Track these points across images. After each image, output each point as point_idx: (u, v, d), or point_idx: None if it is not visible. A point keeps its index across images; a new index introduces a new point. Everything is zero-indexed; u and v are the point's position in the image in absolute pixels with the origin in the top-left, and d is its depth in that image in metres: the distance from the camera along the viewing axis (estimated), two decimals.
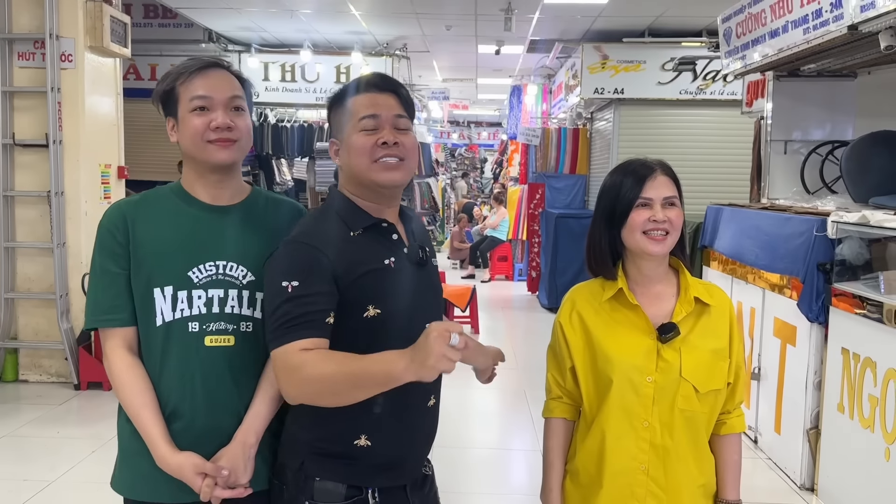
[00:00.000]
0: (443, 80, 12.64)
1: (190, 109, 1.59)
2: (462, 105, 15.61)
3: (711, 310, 1.68)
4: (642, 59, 8.49)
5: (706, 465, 1.69)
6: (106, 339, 1.61)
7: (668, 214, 1.64)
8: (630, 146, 8.58)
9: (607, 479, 1.66)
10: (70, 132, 5.28)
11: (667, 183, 1.68)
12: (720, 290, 1.75)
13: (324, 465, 1.53)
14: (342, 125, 1.59)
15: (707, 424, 1.68)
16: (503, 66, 11.19)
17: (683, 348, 1.62)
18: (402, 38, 9.11)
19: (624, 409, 1.64)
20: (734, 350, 1.69)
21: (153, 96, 1.66)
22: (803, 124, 5.37)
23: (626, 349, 1.65)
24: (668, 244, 1.64)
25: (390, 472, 1.56)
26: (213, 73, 1.62)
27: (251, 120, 1.69)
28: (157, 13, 8.86)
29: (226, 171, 1.64)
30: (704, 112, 8.46)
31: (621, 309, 1.69)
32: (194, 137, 1.59)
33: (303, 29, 8.65)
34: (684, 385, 1.61)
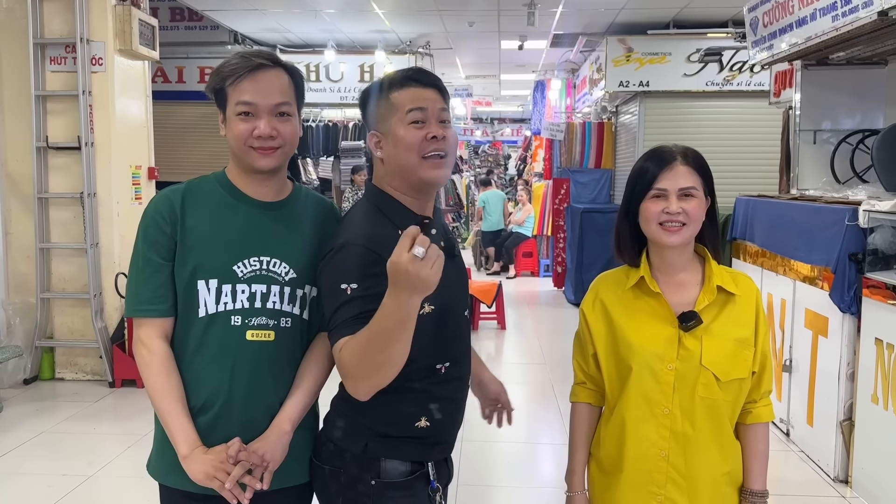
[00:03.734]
0: (466, 76, 12.64)
1: (236, 113, 1.60)
2: (485, 102, 15.58)
3: (736, 299, 1.67)
4: (667, 51, 8.42)
5: (731, 453, 1.68)
6: (141, 326, 1.61)
7: (683, 206, 1.62)
8: (656, 139, 8.51)
9: (627, 464, 1.68)
10: (101, 134, 5.38)
11: (686, 173, 1.65)
12: (747, 278, 1.72)
13: (388, 446, 1.59)
14: (384, 117, 1.58)
15: (731, 413, 1.67)
16: (526, 61, 11.16)
17: (705, 337, 1.62)
18: (425, 35, 9.13)
19: (644, 396, 1.65)
20: (760, 339, 1.68)
21: (206, 88, 1.66)
22: (832, 114, 5.30)
23: (647, 337, 1.65)
24: (684, 235, 1.63)
25: (442, 446, 1.67)
26: (262, 75, 1.60)
27: (298, 120, 1.69)
28: (184, 16, 8.98)
29: (269, 173, 1.65)
30: (731, 104, 8.36)
31: (644, 297, 1.69)
32: (237, 141, 1.60)
33: (326, 29, 8.71)
34: (705, 373, 1.61)
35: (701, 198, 1.65)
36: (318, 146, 9.38)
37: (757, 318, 1.68)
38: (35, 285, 5.44)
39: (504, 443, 4.43)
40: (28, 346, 5.43)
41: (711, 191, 1.70)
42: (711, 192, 1.70)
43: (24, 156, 5.44)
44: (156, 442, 1.70)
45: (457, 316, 1.62)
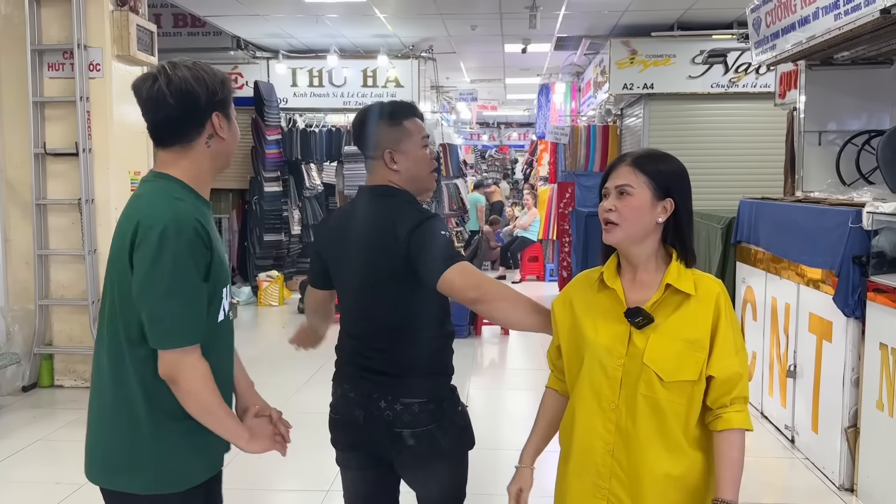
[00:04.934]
0: (470, 81, 12.61)
1: (233, 117, 1.80)
2: (491, 106, 15.54)
3: (692, 300, 1.64)
4: (672, 52, 8.35)
5: (682, 458, 1.64)
6: (190, 352, 1.61)
7: (616, 203, 1.64)
8: (661, 141, 8.44)
9: (575, 454, 1.73)
10: (99, 140, 5.36)
11: (626, 172, 1.66)
12: (711, 281, 1.69)
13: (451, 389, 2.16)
14: (399, 139, 2.04)
15: (682, 416, 1.63)
16: (531, 64, 11.12)
17: (653, 335, 1.62)
18: (428, 39, 9.10)
19: (593, 389, 1.68)
20: (719, 343, 1.62)
21: (213, 90, 1.69)
22: (838, 114, 5.22)
23: (600, 331, 1.68)
24: (616, 234, 1.65)
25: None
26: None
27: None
28: (186, 22, 8.99)
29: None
30: (736, 105, 8.29)
31: (604, 293, 1.73)
32: (236, 144, 1.83)
33: (329, 34, 8.70)
34: (646, 371, 1.61)
35: (640, 196, 1.63)
36: (322, 151, 9.35)
37: (716, 322, 1.63)
38: (34, 292, 5.43)
39: (506, 451, 4.36)
40: (27, 353, 5.41)
41: (674, 193, 1.67)
42: (675, 194, 1.67)
43: (22, 162, 5.43)
44: (171, 459, 1.68)
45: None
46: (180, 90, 1.64)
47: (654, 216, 1.64)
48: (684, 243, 1.69)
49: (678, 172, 1.70)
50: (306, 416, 4.70)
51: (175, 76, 1.64)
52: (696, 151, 8.37)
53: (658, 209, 1.64)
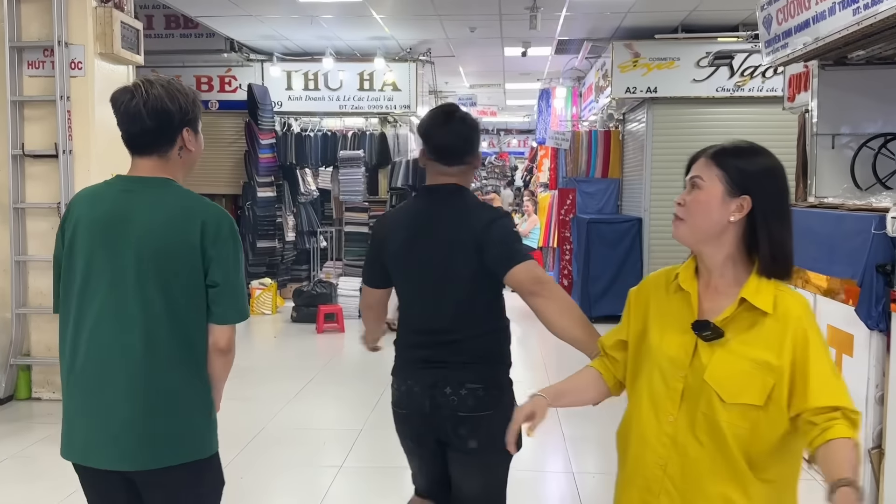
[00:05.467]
0: (470, 86, 12.40)
1: (200, 129, 2.00)
2: (490, 111, 15.32)
3: (769, 319, 1.49)
4: (676, 55, 8.14)
5: (745, 486, 1.48)
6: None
7: (686, 196, 1.56)
8: (665, 147, 8.23)
9: (629, 463, 1.65)
10: (80, 142, 5.13)
11: (703, 163, 1.56)
12: (794, 299, 1.52)
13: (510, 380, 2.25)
14: (476, 148, 2.29)
15: (745, 441, 1.47)
16: (531, 69, 10.91)
17: (719, 351, 1.49)
18: (426, 42, 8.89)
19: (651, 399, 1.59)
20: (816, 370, 1.45)
21: (184, 108, 1.87)
22: (852, 116, 4.99)
23: (665, 338, 1.58)
24: (681, 230, 1.57)
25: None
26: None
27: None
28: (179, 24, 8.78)
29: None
30: (743, 110, 8.07)
31: (678, 295, 1.62)
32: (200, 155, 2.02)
33: (325, 36, 8.49)
34: (707, 389, 1.49)
35: (709, 190, 1.52)
36: (317, 156, 9.12)
37: (804, 348, 1.46)
38: (11, 300, 5.19)
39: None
40: (3, 364, 5.17)
41: (753, 191, 1.50)
42: (754, 192, 1.50)
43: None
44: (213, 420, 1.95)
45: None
46: (156, 108, 1.80)
47: (725, 214, 1.50)
48: (767, 252, 1.51)
49: (764, 169, 1.52)
50: (298, 432, 4.46)
51: (151, 94, 1.80)
52: None
53: (731, 207, 1.50)
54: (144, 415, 1.78)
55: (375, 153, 8.97)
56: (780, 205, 1.52)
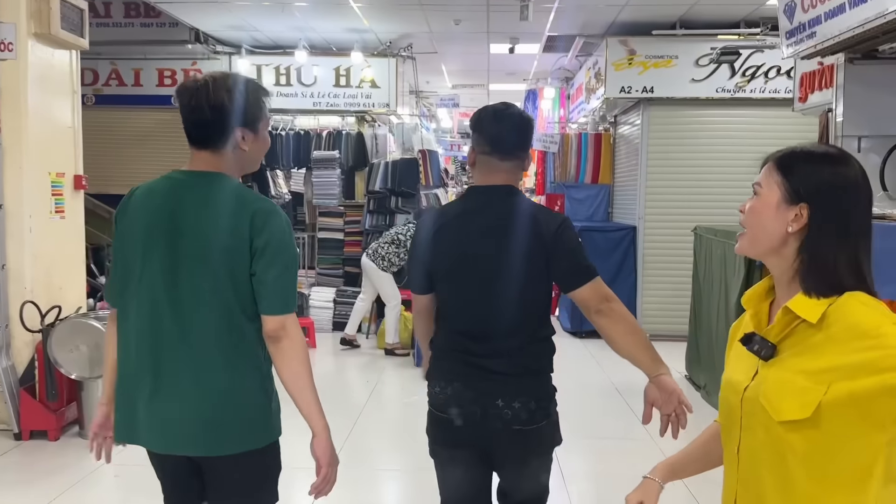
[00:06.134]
0: (452, 86, 11.84)
1: (268, 129, 2.02)
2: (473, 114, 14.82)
3: (828, 328, 1.30)
4: (674, 53, 7.65)
5: None
6: (293, 320, 1.89)
7: (745, 205, 1.45)
8: (661, 151, 7.73)
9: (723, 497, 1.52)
10: (11, 134, 4.48)
11: (767, 168, 1.43)
12: (856, 308, 1.28)
13: (555, 387, 2.22)
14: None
15: (807, 467, 1.30)
16: (517, 68, 10.38)
17: (774, 369, 1.36)
18: (407, 36, 8.31)
19: (725, 430, 1.48)
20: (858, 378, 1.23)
21: (219, 103, 1.86)
22: (881, 116, 4.51)
23: (731, 362, 1.50)
24: (741, 242, 1.46)
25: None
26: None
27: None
28: (139, 11, 8.13)
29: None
30: (745, 112, 7.59)
31: (748, 315, 1.49)
32: (264, 151, 2.05)
33: (298, 27, 7.88)
34: (761, 411, 1.35)
35: (766, 196, 1.40)
36: (289, 156, 8.48)
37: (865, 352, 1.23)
38: None
39: None
40: None
41: (812, 199, 1.35)
42: (813, 200, 1.35)
43: None
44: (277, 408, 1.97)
45: None
46: (215, 103, 1.86)
47: (782, 224, 1.37)
48: (822, 269, 1.33)
49: (831, 177, 1.35)
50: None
51: (214, 88, 1.86)
52: (701, 162, 7.65)
53: (789, 215, 1.36)
54: (197, 401, 1.84)
55: (352, 154, 8.36)
56: (843, 220, 1.34)
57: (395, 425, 5.06)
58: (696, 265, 6.15)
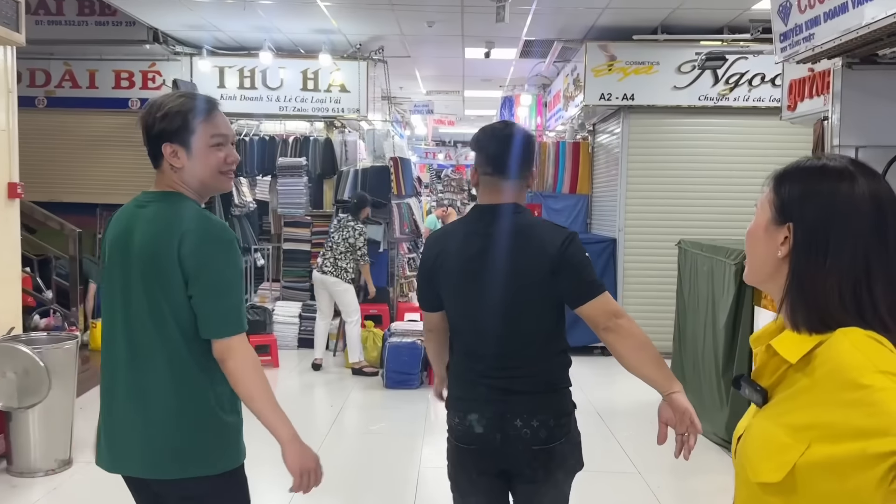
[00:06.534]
0: (426, 92, 11.49)
1: (210, 144, 1.91)
2: (448, 121, 14.45)
3: (814, 373, 1.09)
4: (655, 59, 7.37)
5: None
6: (241, 340, 1.85)
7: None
8: (642, 161, 7.45)
9: None
10: None
11: (767, 186, 1.25)
12: (843, 349, 1.07)
13: (574, 404, 2.19)
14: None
15: None
16: (493, 74, 10.07)
17: (764, 415, 1.18)
18: (378, 38, 7.95)
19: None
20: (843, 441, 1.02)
21: (148, 123, 1.88)
22: (880, 125, 4.23)
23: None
24: (746, 270, 1.28)
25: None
26: (219, 113, 1.95)
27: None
28: (94, 10, 7.65)
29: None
30: (731, 121, 7.33)
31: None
32: (213, 169, 1.92)
33: (262, 27, 7.48)
34: (741, 468, 1.19)
35: (757, 217, 1.23)
36: (254, 163, 8.06)
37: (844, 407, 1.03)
38: None
39: None
40: None
41: (796, 216, 1.16)
42: (797, 217, 1.16)
43: None
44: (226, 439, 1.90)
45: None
46: (143, 124, 1.92)
47: (772, 247, 1.19)
48: (808, 300, 1.14)
49: (820, 193, 1.15)
50: None
51: (146, 110, 1.93)
52: (684, 173, 7.37)
53: (778, 238, 1.18)
54: (146, 426, 1.83)
55: (320, 161, 7.96)
56: (835, 243, 1.14)
57: (356, 459, 4.64)
58: (681, 281, 5.84)
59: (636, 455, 4.74)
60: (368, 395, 6.04)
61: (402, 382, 6.03)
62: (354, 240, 6.59)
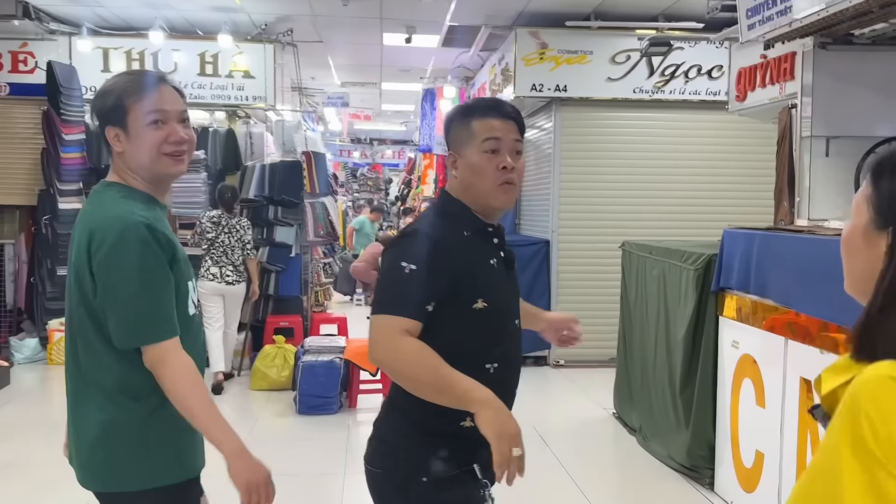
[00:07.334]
0: (341, 83, 10.71)
1: (147, 123, 1.72)
2: (364, 115, 13.66)
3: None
4: (588, 49, 6.89)
5: None
6: (170, 347, 1.69)
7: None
8: (575, 157, 6.96)
9: None
10: None
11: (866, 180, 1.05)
12: (861, 382, 0.87)
13: (434, 444, 1.70)
14: (462, 141, 1.75)
15: None
16: (413, 64, 9.41)
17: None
18: (286, 19, 7.14)
19: None
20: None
21: (100, 108, 1.76)
22: (855, 114, 3.83)
23: None
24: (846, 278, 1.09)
25: (487, 449, 1.58)
26: (163, 88, 1.76)
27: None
28: None
29: (173, 179, 1.85)
30: (670, 115, 6.93)
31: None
32: (152, 150, 1.73)
33: (152, 3, 6.56)
34: None
35: (856, 219, 1.04)
36: None
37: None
38: None
39: None
40: None
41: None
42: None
43: None
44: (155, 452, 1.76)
45: (508, 320, 1.78)
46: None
47: (874, 254, 0.97)
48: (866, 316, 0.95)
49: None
50: None
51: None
52: (622, 170, 6.91)
53: (881, 244, 0.97)
54: (76, 434, 1.78)
55: (221, 155, 7.07)
56: None
57: None
58: (626, 286, 5.34)
59: (587, 483, 4.18)
60: (278, 425, 5.24)
61: (317, 407, 5.27)
62: (248, 236, 6.10)
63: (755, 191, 6.37)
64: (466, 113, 1.79)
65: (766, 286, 3.44)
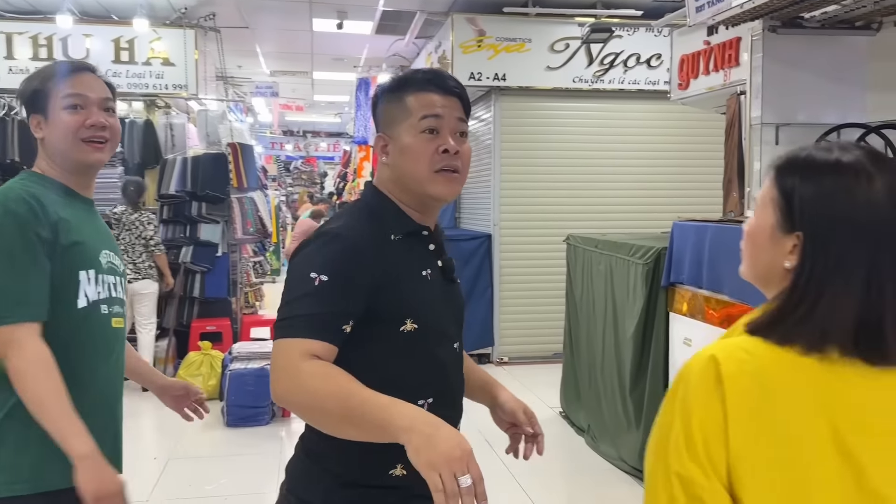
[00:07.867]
0: (270, 73, 10.26)
1: (63, 106, 1.68)
2: (296, 106, 13.18)
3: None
4: (527, 36, 6.69)
5: None
6: (20, 329, 1.55)
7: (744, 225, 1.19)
8: (515, 149, 6.76)
9: None
10: None
11: (768, 179, 1.09)
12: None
13: (356, 498, 1.39)
14: (394, 120, 1.44)
15: None
16: (346, 53, 9.05)
17: None
18: (208, 2, 6.70)
19: None
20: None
21: (24, 93, 1.72)
22: (804, 100, 3.70)
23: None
24: (741, 268, 1.18)
25: (422, 500, 1.27)
26: (85, 75, 1.71)
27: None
28: None
29: (95, 168, 1.76)
30: (610, 105, 6.80)
31: None
32: (67, 134, 1.67)
33: None
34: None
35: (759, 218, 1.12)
36: None
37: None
38: None
39: None
40: None
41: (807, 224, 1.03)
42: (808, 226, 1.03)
43: None
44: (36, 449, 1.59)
45: (444, 344, 1.47)
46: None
47: (779, 256, 1.04)
48: (816, 320, 0.99)
49: (835, 191, 0.99)
50: None
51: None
52: (563, 161, 6.74)
53: (786, 246, 1.03)
54: None
55: (139, 148, 6.58)
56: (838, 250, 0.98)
57: None
58: (571, 280, 5.16)
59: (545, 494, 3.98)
60: (205, 439, 4.86)
61: (247, 419, 4.91)
62: (149, 232, 5.81)
63: (702, 181, 6.29)
64: (400, 86, 1.45)
65: (719, 281, 3.28)
